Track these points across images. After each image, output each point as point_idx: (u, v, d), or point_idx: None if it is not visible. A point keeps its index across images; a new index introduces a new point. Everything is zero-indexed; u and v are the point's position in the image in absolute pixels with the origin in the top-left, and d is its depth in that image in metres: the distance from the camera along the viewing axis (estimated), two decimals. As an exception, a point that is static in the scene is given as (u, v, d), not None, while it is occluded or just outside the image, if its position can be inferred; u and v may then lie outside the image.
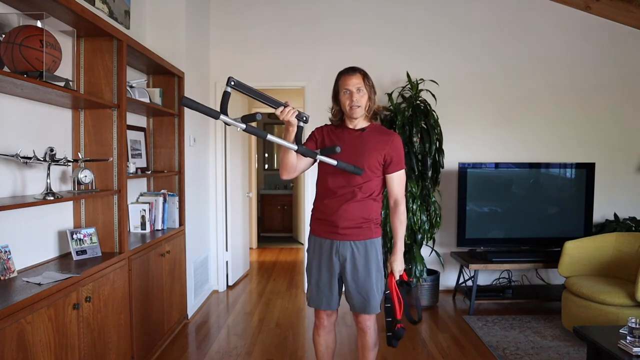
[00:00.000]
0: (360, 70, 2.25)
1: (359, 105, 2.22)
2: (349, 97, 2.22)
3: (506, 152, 4.68)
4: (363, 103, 2.22)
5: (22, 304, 1.75)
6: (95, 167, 2.64)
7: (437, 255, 4.41)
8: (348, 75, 2.23)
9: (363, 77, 2.23)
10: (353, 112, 2.24)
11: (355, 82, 2.21)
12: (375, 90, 2.29)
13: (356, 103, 2.21)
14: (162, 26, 3.78)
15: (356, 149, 2.25)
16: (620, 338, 2.34)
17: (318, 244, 2.34)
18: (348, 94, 2.22)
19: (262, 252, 6.72)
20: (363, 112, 2.25)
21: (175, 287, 3.51)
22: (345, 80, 2.23)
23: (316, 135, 2.37)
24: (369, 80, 2.25)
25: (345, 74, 2.25)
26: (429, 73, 4.51)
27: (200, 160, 4.34)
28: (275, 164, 8.40)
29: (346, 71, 2.26)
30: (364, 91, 2.22)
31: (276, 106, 2.03)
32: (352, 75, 2.22)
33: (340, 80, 2.26)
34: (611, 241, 3.73)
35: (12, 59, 1.94)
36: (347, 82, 2.22)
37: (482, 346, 3.36)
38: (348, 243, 2.26)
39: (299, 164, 2.25)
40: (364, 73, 2.25)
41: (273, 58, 4.66)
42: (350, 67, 2.27)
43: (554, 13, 4.66)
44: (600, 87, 4.69)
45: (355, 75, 2.22)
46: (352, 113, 2.24)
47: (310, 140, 2.37)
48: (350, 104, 2.22)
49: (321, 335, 2.43)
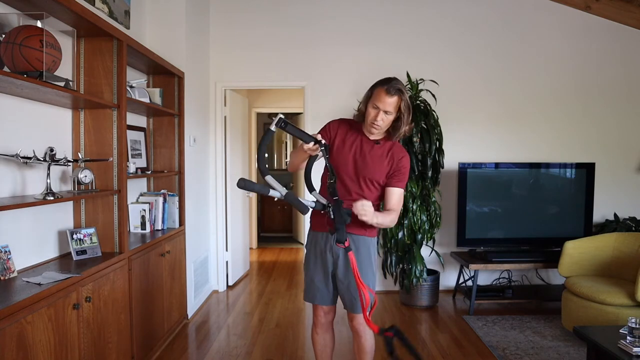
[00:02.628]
0: (401, 92, 2.10)
1: (380, 126, 2.16)
2: (374, 115, 2.13)
3: (506, 152, 4.68)
4: (385, 125, 2.16)
5: (22, 304, 1.75)
6: (95, 167, 2.64)
7: (437, 255, 4.41)
8: (386, 94, 2.08)
9: (400, 100, 2.10)
10: (371, 129, 2.20)
11: (390, 103, 2.09)
12: (405, 118, 2.14)
13: (378, 123, 2.14)
14: (162, 26, 3.78)
15: (365, 160, 2.23)
16: (620, 338, 2.34)
17: (314, 239, 2.35)
18: (376, 112, 2.13)
19: (262, 252, 6.72)
20: (382, 133, 2.22)
21: (175, 287, 3.51)
22: (381, 96, 2.10)
23: (331, 131, 2.30)
24: (406, 103, 2.12)
25: (383, 91, 2.09)
26: (429, 73, 4.51)
27: (200, 160, 4.34)
28: (275, 164, 8.41)
29: (386, 87, 2.09)
30: (393, 113, 2.13)
31: (308, 141, 2.06)
32: (390, 95, 2.08)
33: (376, 92, 2.13)
34: (611, 241, 3.73)
35: (12, 59, 1.94)
36: (382, 100, 2.09)
37: (482, 346, 3.36)
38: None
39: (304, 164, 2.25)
40: (403, 96, 2.11)
41: (273, 58, 4.66)
42: (391, 83, 2.09)
43: (554, 13, 4.66)
44: (600, 87, 4.69)
45: (393, 97, 2.08)
46: (370, 129, 2.20)
47: (323, 131, 2.31)
48: (372, 121, 2.15)
49: (319, 333, 2.44)
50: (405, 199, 3.98)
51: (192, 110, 4.01)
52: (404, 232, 4.07)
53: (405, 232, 4.07)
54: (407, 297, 4.28)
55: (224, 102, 4.76)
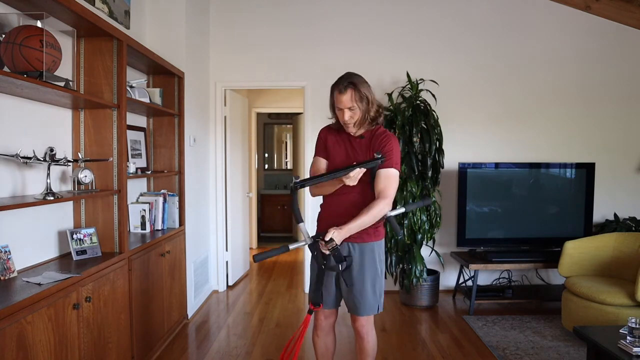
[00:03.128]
0: (351, 85, 2.15)
1: (352, 122, 2.21)
2: (341, 115, 2.21)
3: (506, 152, 4.68)
4: (356, 119, 2.20)
5: (22, 304, 1.75)
6: (95, 167, 2.64)
7: (437, 255, 4.41)
8: (339, 94, 2.16)
9: (353, 93, 2.15)
10: (347, 128, 2.26)
11: (345, 100, 2.15)
12: (370, 98, 2.19)
13: (348, 121, 2.20)
14: (162, 26, 3.78)
15: (356, 154, 2.27)
16: (620, 338, 2.34)
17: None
18: (341, 112, 2.21)
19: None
20: (356, 127, 2.25)
21: (175, 287, 3.51)
22: (337, 97, 2.18)
23: (323, 139, 2.38)
24: (360, 93, 2.15)
25: (336, 91, 2.18)
26: (429, 73, 4.51)
27: (200, 160, 4.34)
28: (275, 164, 8.40)
29: (337, 88, 2.17)
30: (355, 107, 2.17)
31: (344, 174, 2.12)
32: (343, 94, 2.15)
33: (334, 95, 2.21)
34: (611, 241, 3.73)
35: (12, 59, 1.94)
36: (339, 100, 2.17)
37: (482, 346, 3.36)
38: (345, 244, 2.25)
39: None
40: (355, 87, 2.15)
41: (273, 58, 4.66)
42: (341, 82, 2.17)
43: (554, 13, 4.65)
44: (600, 87, 4.69)
45: (345, 93, 2.15)
46: (346, 128, 2.26)
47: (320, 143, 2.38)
48: (343, 121, 2.22)
49: (320, 336, 2.43)
50: (405, 199, 3.99)
51: (192, 110, 4.01)
52: (404, 232, 4.07)
53: (405, 232, 4.07)
54: (407, 297, 4.28)
55: (224, 102, 4.76)
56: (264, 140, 8.20)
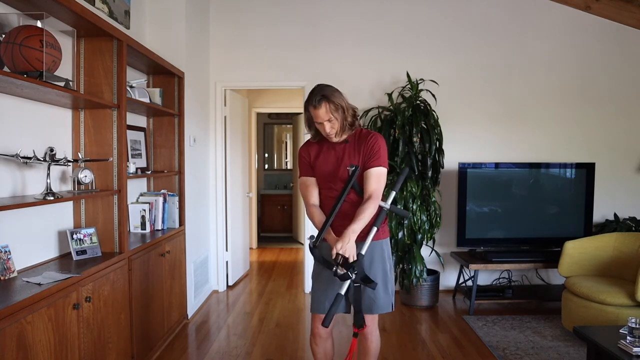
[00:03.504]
0: (324, 99, 2.14)
1: (333, 132, 2.20)
2: (322, 128, 2.21)
3: (506, 152, 4.68)
4: (337, 127, 2.20)
5: (22, 304, 1.75)
6: (95, 167, 2.64)
7: (437, 255, 4.41)
8: (314, 109, 2.16)
9: (327, 105, 2.14)
10: (330, 139, 2.25)
11: (321, 114, 2.15)
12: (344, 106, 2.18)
13: (330, 132, 2.20)
14: (162, 26, 3.78)
15: (342, 159, 2.25)
16: (620, 338, 2.34)
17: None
18: (321, 125, 2.20)
19: (262, 252, 6.72)
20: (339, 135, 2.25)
21: (175, 287, 3.51)
22: (313, 113, 2.17)
23: (306, 158, 2.35)
24: (334, 104, 2.15)
25: (311, 107, 2.17)
26: (429, 73, 4.51)
27: (200, 160, 4.34)
28: (275, 163, 8.40)
29: (311, 104, 2.16)
30: (334, 118, 2.17)
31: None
32: (318, 108, 2.14)
33: (309, 111, 2.20)
34: (611, 241, 3.73)
35: (12, 59, 1.94)
36: (316, 115, 2.17)
37: (482, 346, 3.36)
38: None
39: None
40: (327, 99, 2.14)
41: (273, 58, 4.66)
42: (313, 97, 2.16)
43: (554, 13, 4.65)
44: (599, 87, 4.69)
45: (320, 108, 2.14)
46: (329, 139, 2.26)
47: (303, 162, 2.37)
48: (325, 134, 2.22)
49: (318, 343, 2.39)
50: (405, 199, 3.99)
51: (192, 110, 4.01)
52: (404, 232, 4.07)
53: (405, 232, 4.07)
54: (407, 297, 4.28)
55: (224, 102, 4.76)
56: (264, 140, 8.20)
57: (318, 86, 2.21)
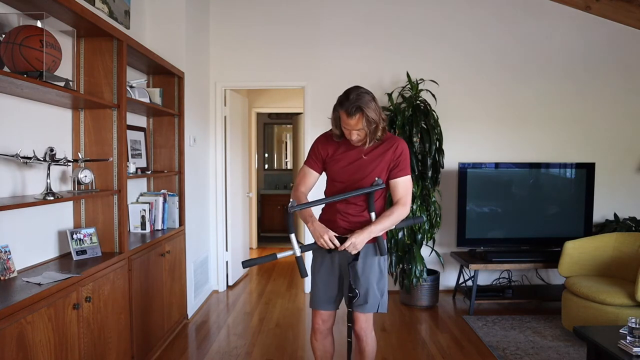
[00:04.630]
0: (359, 110, 2.05)
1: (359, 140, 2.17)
2: (349, 134, 2.16)
3: (506, 152, 4.68)
4: (363, 138, 2.16)
5: (22, 304, 1.75)
6: (95, 167, 2.64)
7: (437, 255, 4.41)
8: (347, 117, 2.08)
9: (361, 117, 2.06)
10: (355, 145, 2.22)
11: (352, 124, 2.09)
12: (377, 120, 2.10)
13: (355, 141, 2.17)
14: (162, 26, 3.78)
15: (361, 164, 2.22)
16: (620, 338, 2.34)
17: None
18: (347, 131, 2.15)
19: (262, 252, 6.72)
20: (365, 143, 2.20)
21: (175, 287, 3.51)
22: (344, 118, 2.10)
23: (321, 152, 2.29)
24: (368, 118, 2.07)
25: (344, 112, 2.08)
26: (429, 73, 4.51)
27: (200, 160, 4.34)
28: (275, 163, 8.40)
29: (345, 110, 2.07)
30: (363, 130, 2.12)
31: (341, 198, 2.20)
32: (350, 118, 2.07)
33: (340, 114, 2.12)
34: (611, 241, 3.73)
35: (12, 59, 1.94)
36: (345, 122, 2.11)
37: (482, 346, 3.36)
38: None
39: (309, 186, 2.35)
40: (363, 112, 2.05)
41: (273, 58, 4.66)
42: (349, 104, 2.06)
43: (554, 13, 4.65)
44: (599, 87, 4.69)
45: (354, 118, 2.07)
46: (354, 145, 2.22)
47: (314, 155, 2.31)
48: (350, 139, 2.18)
49: (318, 340, 2.40)
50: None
51: (192, 110, 4.01)
52: (404, 232, 4.07)
53: (405, 232, 4.07)
54: (407, 297, 4.28)
55: (224, 102, 4.76)
56: (264, 140, 8.20)
57: (355, 89, 2.11)
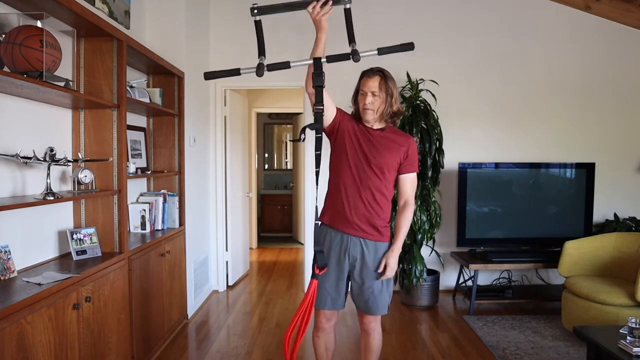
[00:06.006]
0: (381, 73, 2.22)
1: (372, 108, 2.21)
2: (362, 99, 2.23)
3: (506, 152, 4.68)
4: (376, 106, 2.21)
5: (22, 304, 1.75)
6: (95, 167, 2.64)
7: (437, 255, 4.41)
8: (367, 77, 2.22)
9: (380, 80, 2.19)
10: (365, 114, 2.23)
11: (371, 84, 2.19)
12: (394, 94, 2.22)
13: (369, 106, 2.20)
14: (162, 26, 3.77)
15: (376, 146, 2.24)
16: (620, 338, 2.35)
17: (329, 237, 2.29)
18: (363, 97, 2.23)
19: (262, 252, 6.72)
20: (375, 115, 2.23)
21: (175, 287, 3.51)
22: (364, 81, 2.23)
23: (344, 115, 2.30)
24: (387, 84, 2.20)
25: (365, 75, 2.24)
26: (429, 73, 4.51)
27: (200, 160, 4.34)
28: (275, 163, 8.40)
29: (367, 72, 2.24)
30: (379, 95, 2.20)
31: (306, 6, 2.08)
32: (371, 77, 2.21)
33: (361, 80, 2.26)
34: (611, 241, 3.73)
35: (12, 59, 1.94)
36: (365, 84, 2.21)
37: (482, 346, 3.36)
38: (358, 242, 2.24)
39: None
40: (383, 76, 2.21)
41: (274, 58, 4.64)
42: (371, 68, 2.24)
43: (554, 13, 4.65)
44: (599, 87, 4.69)
45: (374, 78, 2.20)
46: (363, 114, 2.24)
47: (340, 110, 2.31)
48: (363, 106, 2.23)
49: (320, 337, 2.42)
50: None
51: (192, 110, 4.00)
52: (404, 232, 4.07)
53: (405, 232, 4.07)
54: (407, 297, 4.28)
55: (224, 102, 4.76)
56: (264, 140, 8.20)
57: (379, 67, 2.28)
